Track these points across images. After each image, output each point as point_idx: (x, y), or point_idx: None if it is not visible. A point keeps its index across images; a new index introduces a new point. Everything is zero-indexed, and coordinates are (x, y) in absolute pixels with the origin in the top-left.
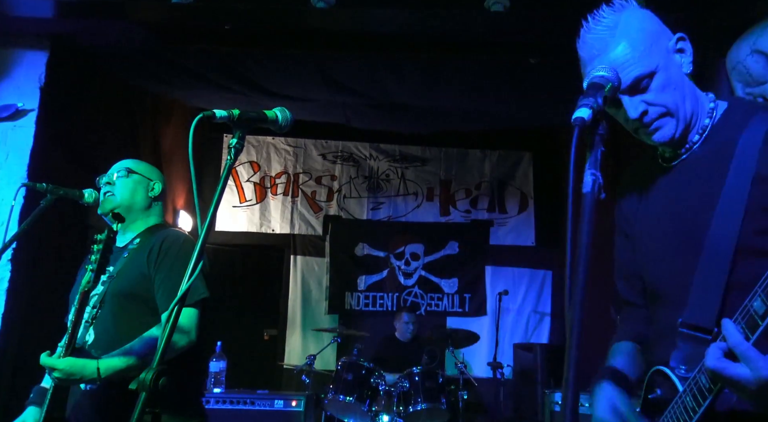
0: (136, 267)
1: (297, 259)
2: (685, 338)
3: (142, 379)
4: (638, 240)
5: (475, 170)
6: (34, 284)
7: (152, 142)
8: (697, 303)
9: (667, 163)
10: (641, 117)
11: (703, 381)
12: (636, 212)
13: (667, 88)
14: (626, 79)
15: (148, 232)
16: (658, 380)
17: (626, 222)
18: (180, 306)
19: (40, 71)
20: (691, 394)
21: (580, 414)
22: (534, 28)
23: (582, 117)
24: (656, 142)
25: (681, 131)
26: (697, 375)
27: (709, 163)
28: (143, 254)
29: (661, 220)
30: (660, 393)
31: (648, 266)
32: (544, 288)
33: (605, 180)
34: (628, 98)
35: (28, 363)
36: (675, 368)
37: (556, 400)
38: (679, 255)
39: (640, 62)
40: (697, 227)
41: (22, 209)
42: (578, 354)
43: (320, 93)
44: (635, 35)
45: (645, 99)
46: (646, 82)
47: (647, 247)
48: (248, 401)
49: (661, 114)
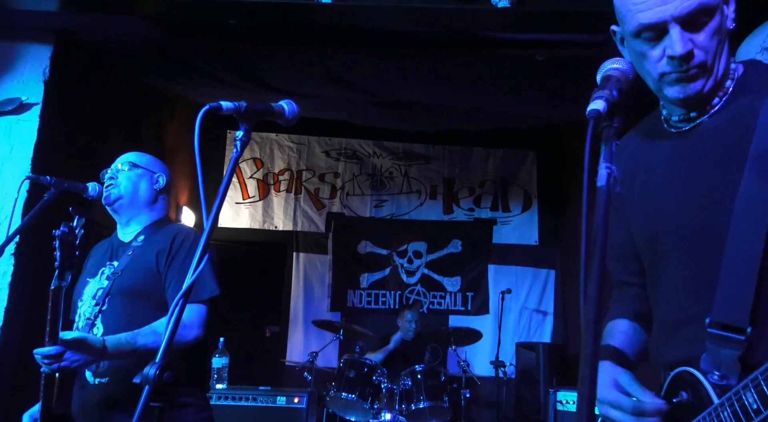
0: (143, 264)
1: (300, 256)
2: (714, 339)
3: (146, 373)
4: (636, 217)
5: (478, 168)
6: (36, 278)
7: (155, 138)
8: (726, 301)
9: (677, 128)
10: (686, 56)
11: (749, 400)
12: (631, 185)
13: (716, 36)
14: (689, 5)
15: (153, 227)
16: (683, 382)
17: (618, 198)
18: (185, 301)
19: (45, 65)
20: (730, 410)
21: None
22: (541, 24)
23: (597, 109)
24: (683, 94)
25: (709, 88)
26: (741, 391)
27: (728, 133)
28: (150, 250)
29: (669, 195)
30: (686, 396)
31: (649, 251)
32: (547, 287)
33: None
34: (679, 30)
35: (30, 357)
36: (707, 372)
37: (559, 399)
38: (693, 241)
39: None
40: (717, 210)
41: (25, 202)
42: (595, 350)
43: (324, 89)
44: None
45: (694, 38)
46: (705, 20)
47: (647, 229)
48: (250, 397)
49: (701, 62)
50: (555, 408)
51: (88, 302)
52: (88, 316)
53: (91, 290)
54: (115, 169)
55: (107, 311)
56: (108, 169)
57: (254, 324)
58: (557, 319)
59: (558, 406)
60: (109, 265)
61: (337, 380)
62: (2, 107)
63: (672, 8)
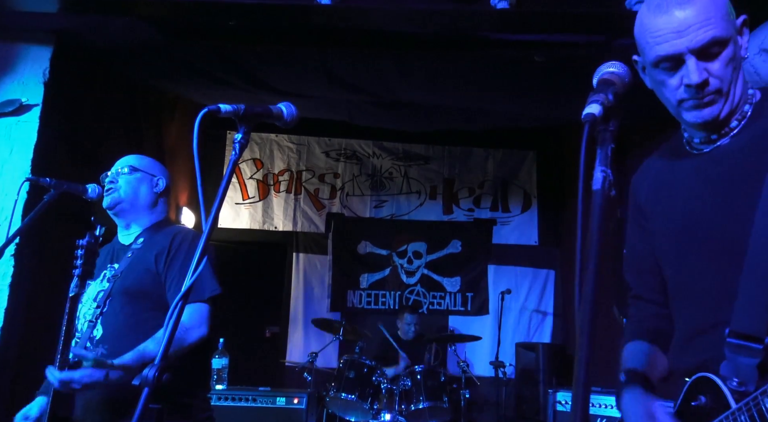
0: (142, 265)
1: (299, 257)
2: (733, 348)
3: (145, 375)
4: (658, 234)
5: (478, 169)
6: (36, 280)
7: (155, 139)
8: (744, 311)
9: (699, 149)
10: (703, 84)
11: (767, 406)
12: (656, 203)
13: (731, 64)
14: (703, 37)
15: (153, 229)
16: (703, 387)
17: (642, 215)
18: (183, 303)
19: (45, 66)
20: (747, 414)
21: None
22: (540, 25)
23: (592, 113)
24: (700, 120)
25: (726, 113)
26: (759, 397)
27: (747, 154)
28: (149, 252)
29: (689, 214)
30: (704, 401)
31: (673, 263)
32: (547, 288)
33: (614, 176)
34: (695, 61)
35: (30, 358)
36: (726, 379)
37: (559, 399)
38: (714, 253)
39: (720, 24)
40: (737, 224)
41: (25, 204)
42: (589, 353)
43: (324, 90)
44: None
45: (709, 67)
46: (717, 50)
47: (671, 242)
48: (250, 398)
49: (716, 89)
50: (555, 409)
51: (88, 304)
52: (90, 319)
53: (91, 292)
54: (115, 173)
55: (107, 313)
56: (108, 172)
57: (254, 324)
58: (557, 319)
59: (558, 406)
60: (110, 268)
61: (336, 380)
62: (2, 108)
63: (687, 41)
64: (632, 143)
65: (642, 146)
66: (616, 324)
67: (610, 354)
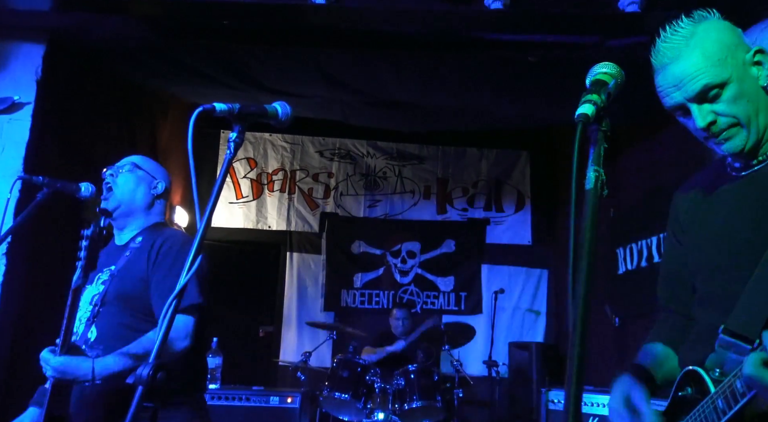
0: (137, 270)
1: (293, 256)
2: (724, 344)
3: (139, 374)
4: (694, 247)
5: (472, 169)
6: (29, 278)
7: (149, 138)
8: (742, 312)
9: (737, 172)
10: (708, 126)
11: (738, 386)
12: (694, 221)
13: (739, 100)
14: (695, 87)
15: (150, 231)
16: (690, 379)
17: (680, 229)
18: (177, 303)
19: (37, 64)
20: (723, 396)
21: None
22: (533, 26)
23: (585, 113)
24: (725, 152)
25: (752, 143)
26: (731, 379)
27: None
28: (143, 255)
29: (723, 229)
30: (690, 392)
31: (701, 273)
32: (540, 287)
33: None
34: (696, 107)
35: (23, 357)
36: (709, 370)
37: (551, 398)
38: (734, 263)
39: (710, 71)
40: (759, 240)
41: (17, 203)
42: (582, 351)
43: (318, 90)
44: (710, 46)
45: (714, 109)
46: (715, 92)
47: (705, 255)
48: (244, 397)
49: (731, 125)
50: (547, 408)
51: (84, 307)
52: (87, 318)
53: (88, 296)
54: (116, 167)
55: (102, 315)
56: (110, 167)
57: (247, 323)
58: (550, 319)
59: (550, 406)
60: (106, 270)
61: (330, 380)
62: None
63: (683, 92)
64: (624, 143)
65: (634, 146)
66: (609, 323)
67: (602, 353)
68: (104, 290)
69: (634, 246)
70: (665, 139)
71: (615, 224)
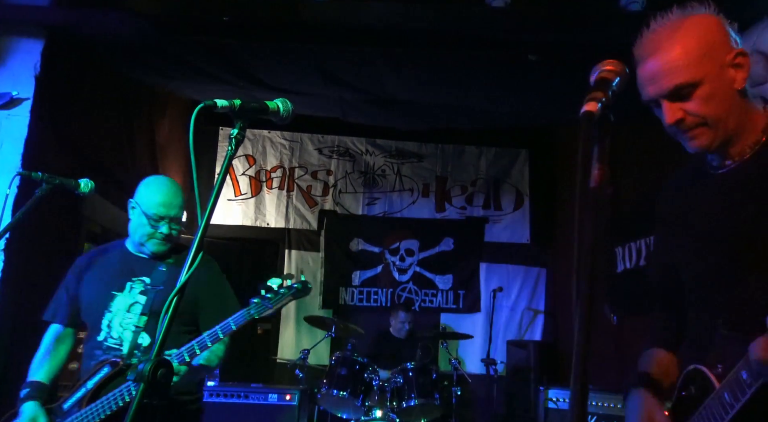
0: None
1: (291, 253)
2: (725, 339)
3: (140, 370)
4: (678, 243)
5: (471, 167)
6: (27, 274)
7: (147, 134)
8: (740, 308)
9: (715, 170)
10: (676, 123)
11: (744, 377)
12: (677, 216)
13: (710, 101)
14: (667, 85)
15: (178, 249)
16: (693, 378)
17: (665, 227)
18: (180, 297)
19: (36, 60)
20: (729, 390)
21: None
22: (534, 25)
23: (590, 111)
24: (691, 149)
25: (719, 144)
26: (736, 372)
27: (757, 176)
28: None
29: (703, 228)
30: (694, 391)
31: (690, 269)
32: (539, 286)
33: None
34: (667, 103)
35: (20, 353)
36: (712, 367)
37: (549, 397)
38: (720, 259)
39: (684, 71)
40: (742, 234)
41: (16, 198)
42: (587, 350)
43: (317, 87)
44: (690, 44)
45: (685, 107)
46: (688, 91)
47: (689, 251)
48: (242, 394)
49: (698, 124)
50: (545, 406)
51: (121, 314)
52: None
53: (123, 303)
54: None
55: (150, 324)
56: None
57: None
58: (548, 317)
59: (549, 404)
60: (137, 280)
61: (328, 377)
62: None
63: (657, 88)
64: (624, 142)
65: (633, 145)
66: (609, 323)
67: (600, 352)
68: (149, 301)
69: (632, 245)
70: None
71: (614, 223)
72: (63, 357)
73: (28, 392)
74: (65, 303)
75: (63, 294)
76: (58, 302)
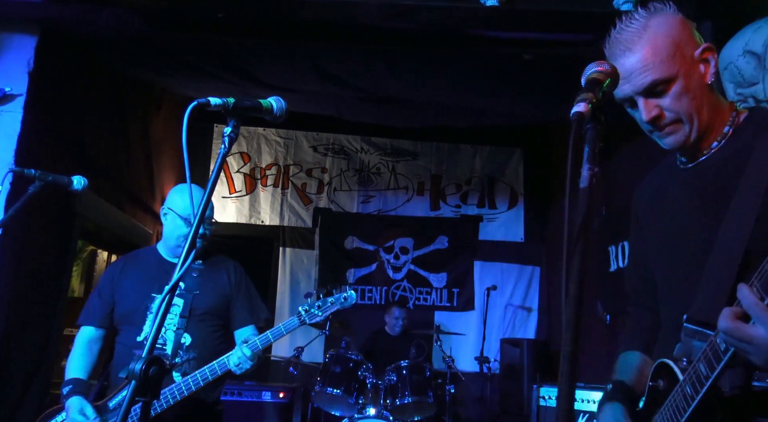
0: (220, 288)
1: (286, 251)
2: (689, 333)
3: (132, 368)
4: (652, 241)
5: (465, 165)
6: (20, 271)
7: (142, 131)
8: (704, 301)
9: (685, 165)
10: (653, 120)
11: (702, 369)
12: (651, 214)
13: (684, 96)
14: (643, 82)
15: (202, 253)
16: (661, 373)
17: (640, 225)
18: (171, 296)
19: (29, 56)
20: (689, 383)
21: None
22: (529, 23)
23: (580, 111)
24: (667, 146)
25: (694, 139)
26: (695, 364)
27: (724, 168)
28: (221, 276)
29: (673, 223)
30: (662, 384)
31: (661, 267)
32: (532, 284)
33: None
34: (643, 100)
35: (13, 350)
36: (677, 360)
37: (542, 395)
38: (687, 254)
39: (659, 67)
40: (707, 228)
41: (8, 195)
42: (574, 348)
43: (312, 84)
44: (660, 41)
45: (660, 103)
46: (662, 88)
47: (661, 248)
48: (236, 392)
49: (674, 120)
50: (538, 404)
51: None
52: (176, 326)
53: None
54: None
55: (191, 324)
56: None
57: None
58: (542, 316)
59: (541, 401)
60: None
61: (322, 375)
62: None
63: (632, 85)
64: (616, 142)
65: (625, 145)
66: (600, 320)
67: (592, 350)
68: (187, 304)
69: (625, 243)
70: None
71: (607, 222)
72: (97, 356)
73: (71, 388)
74: (97, 307)
75: (95, 299)
76: (90, 306)
